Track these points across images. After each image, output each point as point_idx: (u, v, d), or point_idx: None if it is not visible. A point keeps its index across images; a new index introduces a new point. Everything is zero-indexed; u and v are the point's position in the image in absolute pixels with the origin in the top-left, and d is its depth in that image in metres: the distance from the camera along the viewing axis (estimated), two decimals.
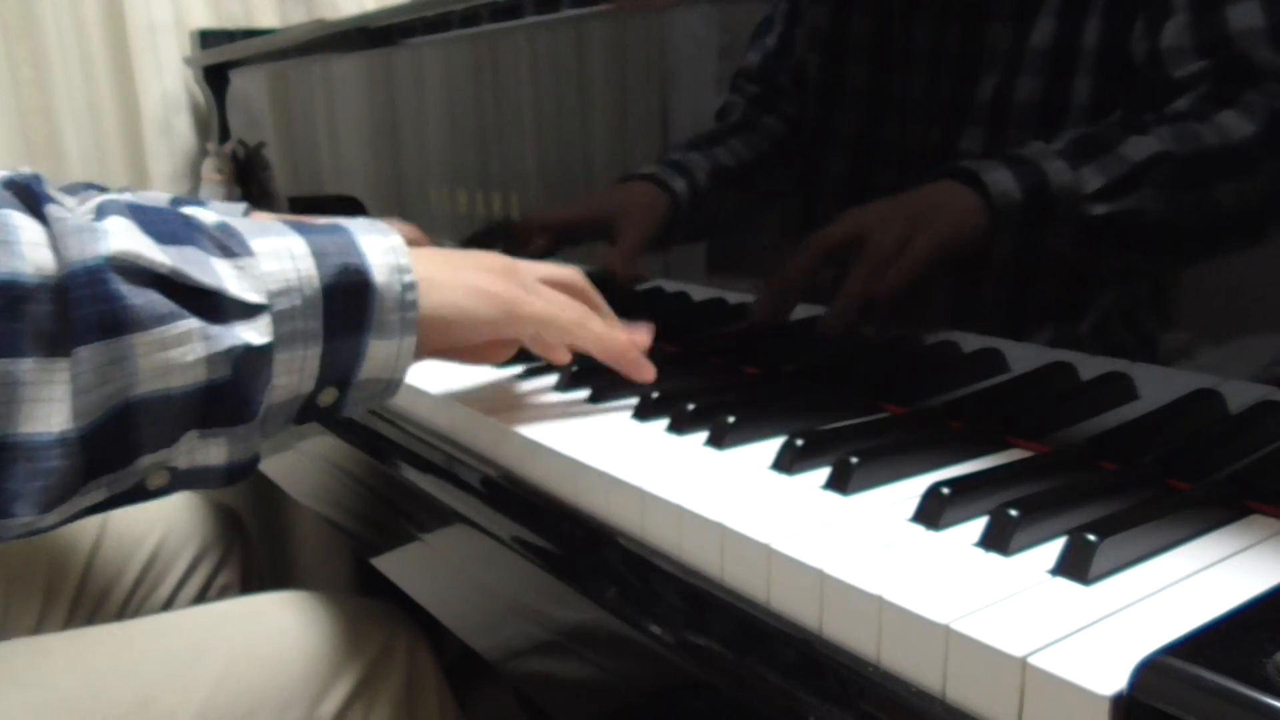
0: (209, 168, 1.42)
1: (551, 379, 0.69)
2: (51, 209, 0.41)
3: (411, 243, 0.54)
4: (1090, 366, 0.52)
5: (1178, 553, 0.41)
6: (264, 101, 1.40)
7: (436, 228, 1.04)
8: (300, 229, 0.49)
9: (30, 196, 0.41)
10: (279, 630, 0.74)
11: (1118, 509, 0.42)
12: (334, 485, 0.75)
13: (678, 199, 0.71)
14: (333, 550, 1.69)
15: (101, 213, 0.43)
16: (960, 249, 0.56)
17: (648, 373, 0.62)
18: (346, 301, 0.48)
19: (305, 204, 1.34)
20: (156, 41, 1.51)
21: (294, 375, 0.48)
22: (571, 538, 0.52)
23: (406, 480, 0.63)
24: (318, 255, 0.47)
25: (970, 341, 0.57)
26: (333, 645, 0.74)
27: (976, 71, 0.54)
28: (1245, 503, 0.45)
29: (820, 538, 0.43)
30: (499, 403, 0.65)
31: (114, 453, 0.43)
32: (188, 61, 1.53)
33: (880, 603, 0.38)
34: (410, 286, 0.50)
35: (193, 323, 0.42)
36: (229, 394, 0.45)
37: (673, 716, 0.45)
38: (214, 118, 1.51)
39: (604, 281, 0.65)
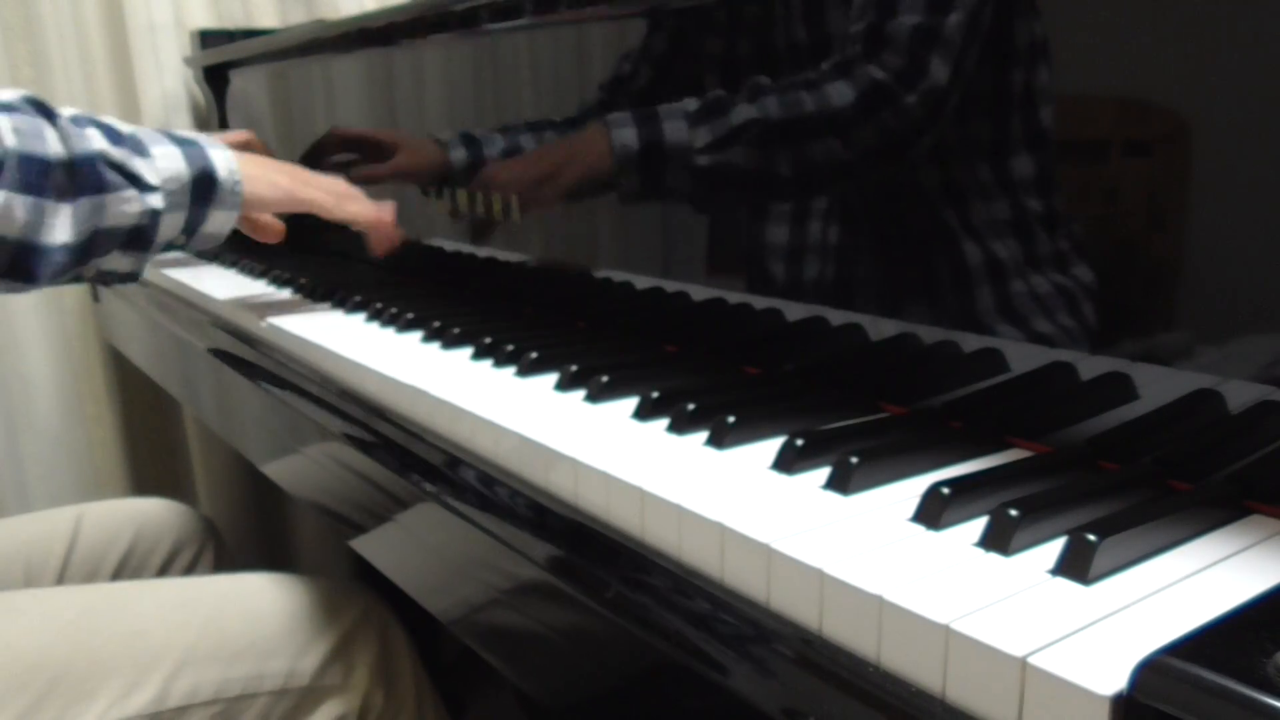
0: None
1: (553, 377, 0.69)
2: (60, 121, 0.73)
3: (247, 144, 1.00)
4: (1090, 366, 0.52)
5: (1178, 553, 0.41)
6: (264, 101, 1.40)
7: (437, 226, 1.04)
8: (176, 140, 0.80)
9: (46, 110, 0.73)
10: (259, 592, 0.82)
11: (1118, 509, 0.42)
12: (328, 479, 0.75)
13: (452, 165, 0.98)
14: (330, 552, 1.69)
15: (78, 122, 0.75)
16: (594, 177, 0.78)
17: (385, 246, 0.94)
18: (202, 187, 0.81)
19: None
20: (156, 41, 1.51)
21: (171, 227, 0.80)
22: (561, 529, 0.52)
23: (402, 474, 0.63)
24: (188, 159, 0.80)
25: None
26: (311, 609, 0.81)
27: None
28: (1245, 503, 0.45)
29: (820, 538, 0.43)
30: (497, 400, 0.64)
31: (84, 258, 0.75)
32: (188, 61, 1.53)
33: (880, 603, 0.38)
34: (237, 182, 0.83)
35: (133, 191, 0.76)
36: (141, 233, 0.78)
37: (668, 713, 0.45)
38: (214, 118, 1.51)
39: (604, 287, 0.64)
